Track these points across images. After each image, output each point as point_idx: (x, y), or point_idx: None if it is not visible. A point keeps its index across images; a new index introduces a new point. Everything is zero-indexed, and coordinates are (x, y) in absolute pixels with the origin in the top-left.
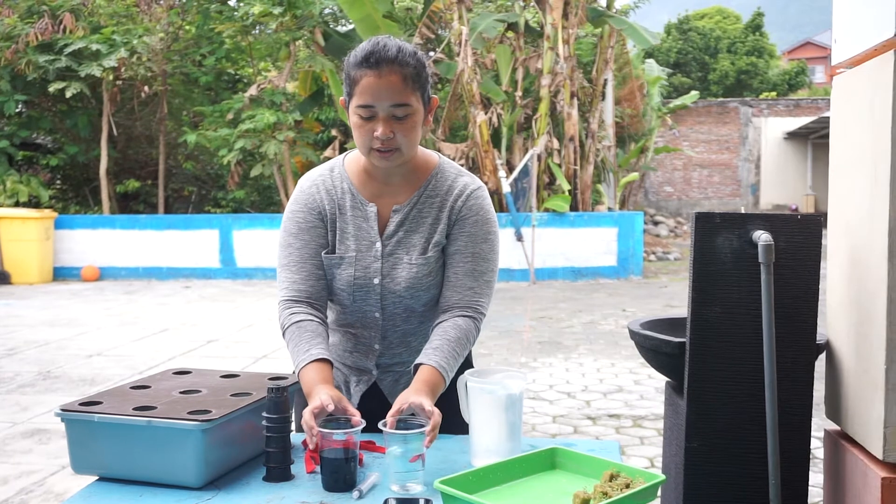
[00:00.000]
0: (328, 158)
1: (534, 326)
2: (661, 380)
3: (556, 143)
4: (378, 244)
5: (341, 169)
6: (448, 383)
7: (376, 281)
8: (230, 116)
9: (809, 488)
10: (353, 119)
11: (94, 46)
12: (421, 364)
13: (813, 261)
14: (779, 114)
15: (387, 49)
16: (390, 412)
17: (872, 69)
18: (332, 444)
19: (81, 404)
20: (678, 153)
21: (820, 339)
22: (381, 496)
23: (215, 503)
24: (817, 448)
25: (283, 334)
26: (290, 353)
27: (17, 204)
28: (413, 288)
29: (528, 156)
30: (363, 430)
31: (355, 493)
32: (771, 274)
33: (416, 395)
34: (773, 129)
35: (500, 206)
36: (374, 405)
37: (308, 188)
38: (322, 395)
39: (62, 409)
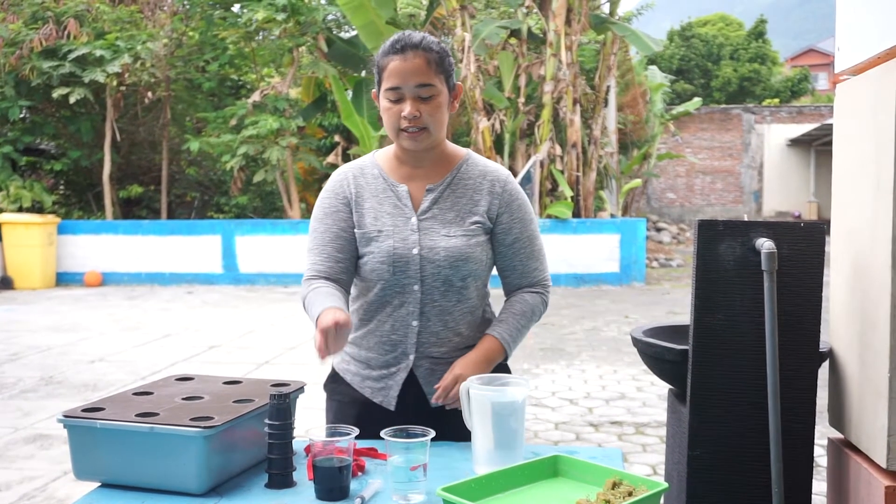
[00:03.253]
0: (331, 164)
1: (536, 333)
2: (663, 386)
3: (558, 150)
4: (414, 218)
5: (372, 160)
6: (510, 353)
7: (415, 251)
8: (233, 122)
9: (812, 497)
10: (382, 105)
11: (98, 52)
12: (485, 334)
13: (816, 268)
14: (781, 121)
15: (411, 37)
16: (441, 383)
17: (876, 77)
18: (325, 452)
19: (84, 410)
20: (681, 160)
21: (823, 346)
22: (383, 502)
23: None
24: (820, 456)
25: (303, 305)
26: (308, 316)
27: (20, 209)
28: (452, 257)
29: (530, 162)
30: (395, 433)
31: (357, 501)
32: (774, 281)
33: (461, 367)
34: (775, 135)
35: None
36: (412, 400)
37: (337, 176)
38: (333, 312)
39: (65, 416)
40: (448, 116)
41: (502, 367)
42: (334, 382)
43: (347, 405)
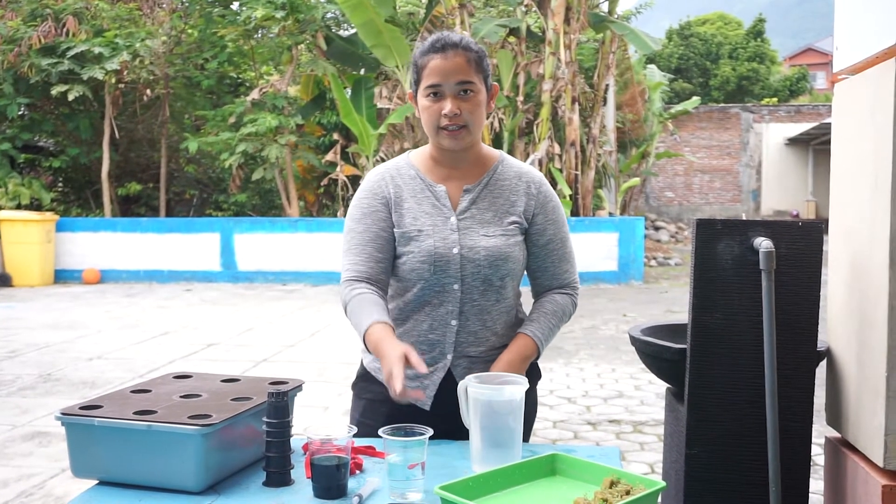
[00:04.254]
0: (330, 163)
1: None
2: (661, 385)
3: (557, 149)
4: (453, 218)
5: (407, 161)
6: (542, 351)
7: (455, 251)
8: (232, 120)
9: (810, 495)
10: (421, 103)
11: (97, 49)
12: (517, 333)
13: (814, 267)
14: (780, 120)
15: (451, 36)
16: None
17: (874, 76)
18: (323, 451)
19: (82, 408)
20: (679, 158)
21: (821, 345)
22: (381, 502)
23: None
24: (818, 455)
25: (345, 310)
26: (353, 324)
27: (18, 206)
28: (492, 256)
29: (529, 161)
30: (435, 435)
31: (355, 499)
32: (772, 280)
33: (500, 369)
34: (774, 134)
35: None
36: (448, 399)
37: (374, 177)
38: (396, 349)
39: (62, 413)
40: (485, 116)
41: (532, 367)
42: (365, 381)
43: (379, 404)
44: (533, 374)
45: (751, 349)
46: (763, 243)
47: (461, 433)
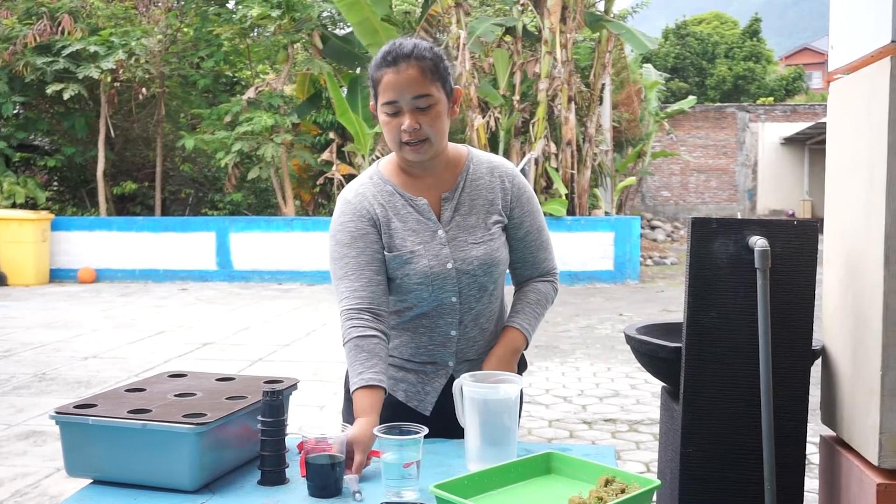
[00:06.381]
0: (326, 162)
1: None
2: (657, 384)
3: (553, 148)
4: (440, 231)
5: (379, 174)
6: (530, 341)
7: (449, 266)
8: (228, 119)
9: (805, 494)
10: (381, 119)
11: (92, 48)
12: (505, 327)
13: (809, 266)
14: (776, 119)
15: (402, 47)
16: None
17: (869, 75)
18: (317, 449)
19: (76, 407)
20: (675, 158)
21: (816, 344)
22: (377, 498)
23: None
24: (813, 454)
25: (344, 346)
26: (348, 368)
27: (13, 205)
28: (486, 264)
29: (525, 160)
30: (431, 433)
31: (357, 495)
32: (767, 279)
33: (494, 366)
34: (770, 134)
35: None
36: (448, 404)
37: (354, 198)
38: (351, 430)
39: (57, 412)
40: (449, 122)
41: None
42: None
43: None
44: (520, 365)
45: (746, 348)
46: (758, 242)
47: (457, 432)
